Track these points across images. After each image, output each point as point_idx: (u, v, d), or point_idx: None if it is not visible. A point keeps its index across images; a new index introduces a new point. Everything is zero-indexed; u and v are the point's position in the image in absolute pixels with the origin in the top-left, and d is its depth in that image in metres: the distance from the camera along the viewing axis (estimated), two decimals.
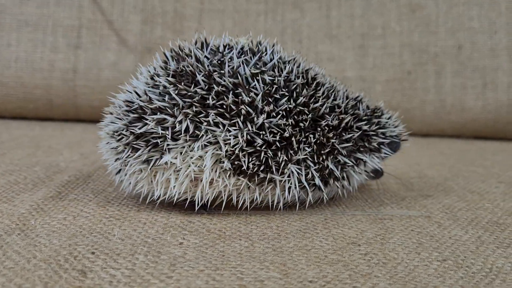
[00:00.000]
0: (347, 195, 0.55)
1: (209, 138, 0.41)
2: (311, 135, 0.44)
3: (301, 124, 0.44)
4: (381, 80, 1.00)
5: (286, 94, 0.43)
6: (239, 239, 0.41)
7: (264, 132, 0.42)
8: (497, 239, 0.43)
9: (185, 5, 1.01)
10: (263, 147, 0.42)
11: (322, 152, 0.44)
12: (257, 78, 0.42)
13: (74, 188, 0.53)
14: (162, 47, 0.47)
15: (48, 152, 0.71)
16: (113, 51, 0.98)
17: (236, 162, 0.42)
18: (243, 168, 0.42)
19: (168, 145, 0.42)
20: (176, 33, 1.00)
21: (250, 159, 0.42)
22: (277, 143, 0.42)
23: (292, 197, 0.45)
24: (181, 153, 0.42)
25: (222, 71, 0.42)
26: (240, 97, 0.42)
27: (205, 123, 0.41)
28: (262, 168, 0.42)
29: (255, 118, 0.42)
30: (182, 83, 0.42)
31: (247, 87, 0.42)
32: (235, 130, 0.41)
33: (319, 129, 0.44)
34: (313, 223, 0.46)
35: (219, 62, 0.43)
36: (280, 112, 0.42)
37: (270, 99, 0.42)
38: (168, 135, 0.41)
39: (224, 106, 0.41)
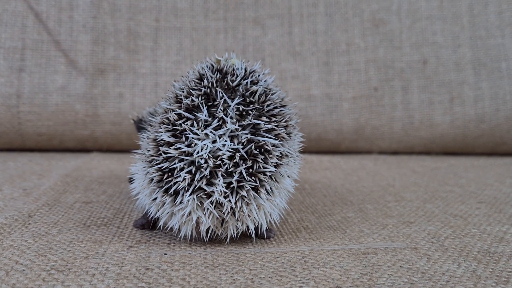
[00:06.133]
0: (324, 226, 0.50)
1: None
2: None
3: None
4: (348, 98, 0.96)
5: None
6: None
7: None
8: (493, 272, 0.39)
9: (139, 23, 0.95)
10: None
11: None
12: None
13: (10, 233, 0.46)
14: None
15: None
16: (61, 74, 0.91)
17: None
18: None
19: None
20: (130, 53, 0.94)
21: None
22: None
23: None
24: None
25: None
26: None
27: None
28: None
29: None
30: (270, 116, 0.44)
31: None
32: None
33: None
34: (290, 262, 0.40)
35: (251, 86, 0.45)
36: None
37: None
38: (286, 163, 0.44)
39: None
